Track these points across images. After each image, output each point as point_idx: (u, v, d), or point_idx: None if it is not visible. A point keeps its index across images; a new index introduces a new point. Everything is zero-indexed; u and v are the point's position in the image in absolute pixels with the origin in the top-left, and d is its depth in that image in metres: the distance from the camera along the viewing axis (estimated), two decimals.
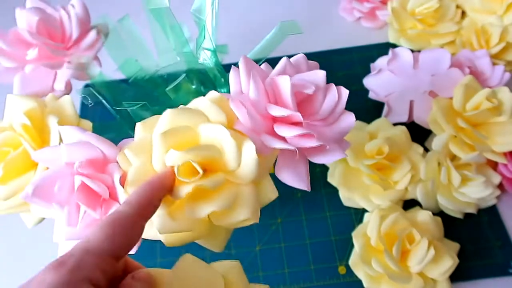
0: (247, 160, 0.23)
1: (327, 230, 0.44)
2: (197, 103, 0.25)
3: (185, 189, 0.22)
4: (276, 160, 0.26)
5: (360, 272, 0.40)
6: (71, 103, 0.35)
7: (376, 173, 0.42)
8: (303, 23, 0.54)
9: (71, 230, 0.26)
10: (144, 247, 0.28)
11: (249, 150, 0.23)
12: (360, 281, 0.40)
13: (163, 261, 0.43)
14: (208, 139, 0.24)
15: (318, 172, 0.47)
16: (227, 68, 0.38)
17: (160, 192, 0.22)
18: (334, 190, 0.45)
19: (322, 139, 0.24)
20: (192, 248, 0.30)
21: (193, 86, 0.41)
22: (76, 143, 0.27)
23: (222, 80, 0.40)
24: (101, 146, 0.27)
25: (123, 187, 0.25)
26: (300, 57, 0.28)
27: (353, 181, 0.44)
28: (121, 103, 0.34)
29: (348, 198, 0.44)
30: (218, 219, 0.24)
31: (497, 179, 0.43)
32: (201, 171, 0.22)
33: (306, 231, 0.44)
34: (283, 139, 0.25)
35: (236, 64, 0.30)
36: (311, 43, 0.57)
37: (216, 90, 0.38)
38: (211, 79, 0.40)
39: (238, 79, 0.26)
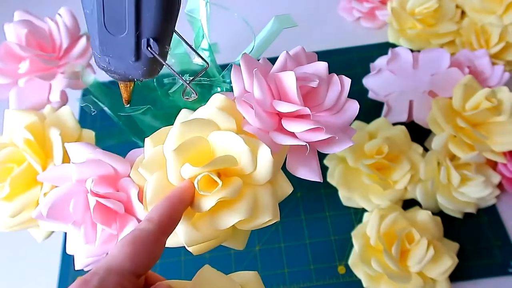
0: (263, 163, 0.23)
1: (326, 230, 0.44)
2: (204, 111, 0.25)
3: (208, 203, 0.22)
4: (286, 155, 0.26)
5: (359, 272, 0.40)
6: (71, 114, 0.35)
7: (376, 173, 0.42)
8: (303, 23, 0.55)
9: (90, 248, 0.26)
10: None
11: (265, 154, 0.23)
12: (359, 281, 0.40)
13: (187, 258, 0.44)
14: (221, 147, 0.24)
15: None
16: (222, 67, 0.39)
17: (180, 206, 0.22)
18: (334, 190, 0.45)
19: (330, 130, 0.25)
20: None
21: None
22: (86, 162, 0.27)
23: (221, 78, 0.40)
24: (112, 162, 0.27)
25: (141, 202, 0.25)
26: (299, 49, 0.28)
27: (352, 181, 0.44)
28: (119, 108, 0.34)
29: (348, 198, 0.44)
30: (243, 225, 0.24)
31: (496, 178, 0.43)
32: (220, 183, 0.22)
33: (306, 231, 0.44)
34: (292, 134, 0.25)
35: (229, 64, 0.30)
36: (311, 43, 0.58)
37: (214, 89, 0.38)
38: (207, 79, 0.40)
39: (240, 78, 0.26)
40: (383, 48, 0.54)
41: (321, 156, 0.45)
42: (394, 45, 0.56)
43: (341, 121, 0.27)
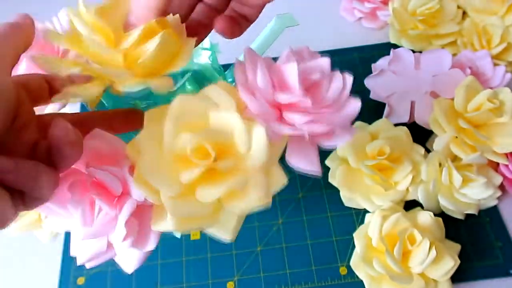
0: (258, 143, 0.23)
1: (328, 230, 0.44)
2: (207, 91, 0.25)
3: (197, 170, 0.22)
4: (285, 149, 0.26)
5: (361, 273, 0.40)
6: None
7: (377, 173, 0.42)
8: (304, 23, 0.55)
9: (88, 230, 0.26)
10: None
11: (259, 133, 0.23)
12: (361, 282, 0.40)
13: (188, 259, 0.43)
14: (218, 124, 0.24)
15: None
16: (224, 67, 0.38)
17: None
18: (335, 191, 0.45)
19: (330, 124, 0.25)
20: (192, 250, 0.30)
21: (189, 87, 0.41)
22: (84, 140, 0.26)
23: (221, 78, 0.40)
24: (110, 140, 0.26)
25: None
26: (303, 47, 0.29)
27: (354, 182, 0.44)
28: (121, 106, 0.34)
29: (349, 198, 0.44)
30: (231, 204, 0.24)
31: (498, 180, 0.43)
32: (213, 153, 0.22)
33: (307, 231, 0.44)
34: (292, 125, 0.25)
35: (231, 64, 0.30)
36: (312, 43, 0.57)
37: None
38: (208, 78, 0.40)
39: (243, 70, 0.26)
40: (385, 48, 0.54)
41: (323, 157, 0.45)
42: (395, 46, 0.56)
43: (342, 118, 0.27)
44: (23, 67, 0.35)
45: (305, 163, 0.26)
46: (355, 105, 0.27)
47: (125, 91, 0.23)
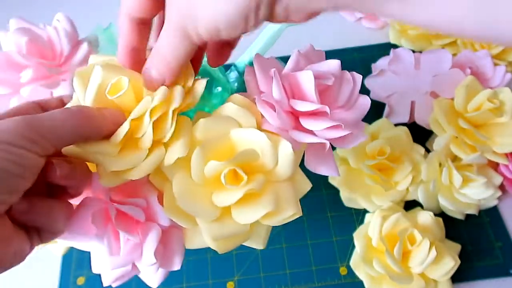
0: (284, 158, 0.24)
1: (328, 230, 0.44)
2: (224, 109, 0.25)
3: (235, 195, 0.23)
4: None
5: (361, 273, 0.40)
6: None
7: (377, 173, 0.42)
8: (304, 23, 0.54)
9: (115, 259, 0.26)
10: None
11: (285, 149, 0.24)
12: (361, 282, 0.40)
13: (188, 260, 0.43)
14: (243, 143, 0.24)
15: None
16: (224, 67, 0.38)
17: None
18: (335, 191, 0.45)
19: (346, 126, 0.25)
20: (192, 250, 0.30)
21: None
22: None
23: (224, 79, 0.40)
24: None
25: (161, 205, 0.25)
26: (308, 47, 0.29)
27: (354, 182, 0.44)
28: None
29: (350, 198, 0.44)
30: (267, 220, 0.24)
31: (498, 180, 0.43)
32: (245, 177, 0.23)
33: (307, 232, 0.44)
34: (311, 132, 0.25)
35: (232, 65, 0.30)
36: (312, 43, 0.57)
37: (214, 89, 0.38)
38: (213, 79, 0.40)
39: (254, 78, 0.26)
40: (385, 48, 0.54)
41: None
42: (395, 46, 0.56)
43: (355, 117, 0.27)
44: (29, 74, 0.35)
45: (325, 169, 0.26)
46: (366, 101, 0.28)
47: None
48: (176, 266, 0.28)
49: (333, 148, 0.46)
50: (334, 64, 0.27)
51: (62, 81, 0.37)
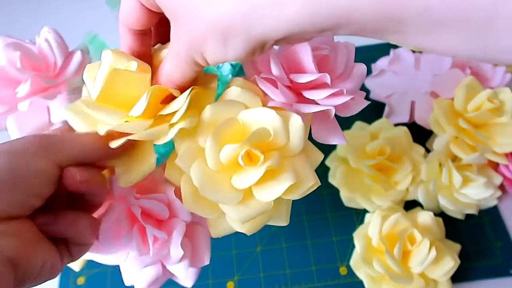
0: (296, 131, 0.24)
1: (328, 230, 0.44)
2: (228, 94, 0.25)
3: (256, 174, 0.23)
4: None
5: (361, 273, 0.40)
6: None
7: (377, 173, 0.42)
8: None
9: (146, 258, 0.27)
10: None
11: (296, 122, 0.24)
12: (361, 282, 0.40)
13: None
14: (253, 123, 0.24)
15: (319, 173, 0.46)
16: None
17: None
18: (335, 191, 0.45)
19: (347, 93, 0.26)
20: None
21: None
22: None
23: (219, 72, 0.40)
24: None
25: (180, 200, 0.26)
26: None
27: (354, 182, 0.44)
28: None
29: (350, 198, 0.44)
30: (289, 194, 0.24)
31: (498, 180, 0.43)
32: (261, 156, 0.23)
33: (307, 231, 0.44)
34: (314, 102, 0.26)
35: None
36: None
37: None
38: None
39: (251, 60, 0.27)
40: (385, 48, 0.54)
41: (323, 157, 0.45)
42: (395, 46, 0.56)
43: (353, 85, 0.28)
44: (26, 89, 0.34)
45: (333, 137, 0.27)
46: (362, 68, 0.28)
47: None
48: (206, 261, 0.28)
49: (328, 150, 0.46)
50: (327, 35, 0.27)
51: (58, 94, 0.37)
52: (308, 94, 0.25)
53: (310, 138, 0.26)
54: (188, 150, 0.24)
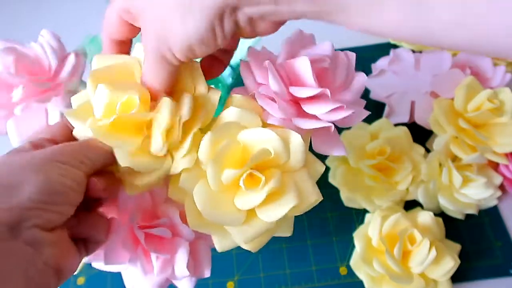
0: (296, 149, 0.24)
1: (328, 230, 0.44)
2: (227, 114, 0.25)
3: (258, 197, 0.23)
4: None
5: (361, 273, 0.40)
6: None
7: (378, 173, 0.42)
8: (304, 23, 0.55)
9: (151, 278, 0.28)
10: None
11: (296, 140, 0.24)
12: (361, 282, 0.40)
13: None
14: (252, 143, 0.24)
15: None
16: None
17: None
18: (335, 191, 0.45)
19: (347, 105, 0.25)
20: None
21: None
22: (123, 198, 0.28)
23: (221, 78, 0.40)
24: (150, 194, 0.28)
25: (184, 222, 0.27)
26: (297, 32, 0.29)
27: (354, 182, 0.44)
28: None
29: (350, 198, 0.44)
30: (292, 212, 0.24)
31: (498, 180, 0.43)
32: (263, 178, 0.23)
33: (307, 232, 0.44)
34: (314, 117, 0.25)
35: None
36: None
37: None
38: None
39: (250, 72, 0.27)
40: (385, 48, 0.54)
41: (323, 157, 0.45)
42: (395, 46, 0.56)
43: (353, 95, 0.28)
44: (19, 93, 0.35)
45: (334, 150, 0.27)
46: (361, 78, 0.28)
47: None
48: (207, 274, 0.29)
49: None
50: (326, 46, 0.27)
51: (54, 97, 0.37)
52: (308, 109, 0.25)
53: (309, 147, 0.26)
54: (191, 172, 0.24)
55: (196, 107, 0.25)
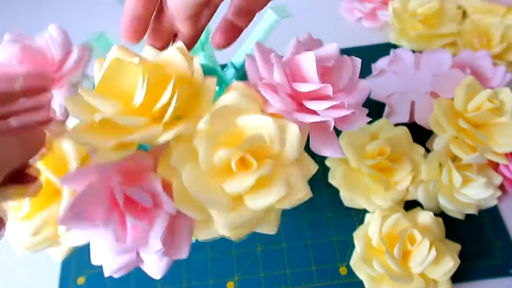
0: (292, 140, 0.24)
1: (328, 230, 0.44)
2: (226, 98, 0.25)
3: (248, 181, 0.23)
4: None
5: (361, 273, 0.40)
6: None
7: (377, 173, 0.42)
8: (304, 23, 0.55)
9: (121, 246, 0.26)
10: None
11: (292, 131, 0.24)
12: (361, 282, 0.40)
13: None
14: (249, 129, 0.24)
15: (319, 173, 0.46)
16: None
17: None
18: (335, 191, 0.45)
19: (348, 107, 0.25)
20: (192, 250, 0.30)
21: None
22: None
23: (224, 76, 0.40)
24: (133, 156, 0.26)
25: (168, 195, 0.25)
26: (307, 36, 0.29)
27: (354, 182, 0.44)
28: None
29: (349, 198, 0.44)
30: (279, 204, 0.24)
31: (498, 180, 0.43)
32: (255, 163, 0.23)
33: (307, 231, 0.44)
34: (314, 113, 0.25)
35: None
36: None
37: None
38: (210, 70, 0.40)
39: (255, 65, 0.27)
40: (385, 48, 0.55)
41: (323, 157, 0.45)
42: (395, 46, 0.56)
43: (356, 100, 0.28)
44: (21, 83, 0.35)
45: (330, 151, 0.27)
46: (366, 86, 0.28)
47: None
48: (184, 255, 0.27)
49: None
50: (332, 48, 0.27)
51: (57, 89, 0.37)
52: (309, 104, 0.25)
53: (306, 149, 0.26)
54: (183, 151, 0.24)
55: (194, 96, 0.25)
